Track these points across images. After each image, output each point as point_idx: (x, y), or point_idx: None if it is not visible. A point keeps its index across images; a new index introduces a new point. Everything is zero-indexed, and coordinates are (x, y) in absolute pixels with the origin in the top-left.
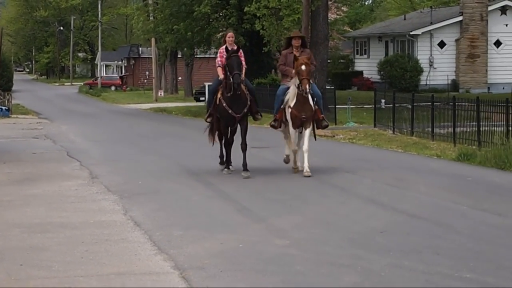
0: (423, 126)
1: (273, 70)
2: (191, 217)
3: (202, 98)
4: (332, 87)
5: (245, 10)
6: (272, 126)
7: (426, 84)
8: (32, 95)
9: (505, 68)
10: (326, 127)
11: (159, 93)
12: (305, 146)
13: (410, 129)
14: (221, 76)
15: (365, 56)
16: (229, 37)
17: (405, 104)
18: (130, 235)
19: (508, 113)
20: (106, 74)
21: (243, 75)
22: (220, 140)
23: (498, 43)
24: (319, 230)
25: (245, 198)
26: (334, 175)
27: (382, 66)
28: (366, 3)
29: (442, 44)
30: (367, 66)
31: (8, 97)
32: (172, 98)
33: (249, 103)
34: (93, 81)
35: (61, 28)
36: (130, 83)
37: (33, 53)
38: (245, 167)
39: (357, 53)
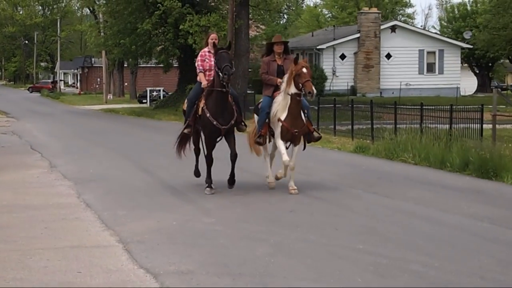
0: (327, 124)
1: None
2: (134, 200)
3: (144, 101)
4: (252, 92)
5: (180, 28)
6: (258, 143)
7: (330, 89)
8: (1, 98)
9: (394, 76)
10: (319, 139)
11: (108, 96)
12: (292, 163)
13: (316, 126)
14: (204, 82)
15: None
16: (211, 39)
17: (312, 106)
18: (82, 214)
19: (396, 113)
20: (63, 79)
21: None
22: (197, 155)
23: (388, 56)
24: (240, 210)
25: (180, 183)
26: (252, 165)
27: None
28: (281, 22)
29: (343, 57)
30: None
31: None
32: (119, 100)
33: (235, 114)
34: (34, 85)
35: (26, 41)
36: (85, 88)
37: (2, 63)
38: (232, 178)
39: None
